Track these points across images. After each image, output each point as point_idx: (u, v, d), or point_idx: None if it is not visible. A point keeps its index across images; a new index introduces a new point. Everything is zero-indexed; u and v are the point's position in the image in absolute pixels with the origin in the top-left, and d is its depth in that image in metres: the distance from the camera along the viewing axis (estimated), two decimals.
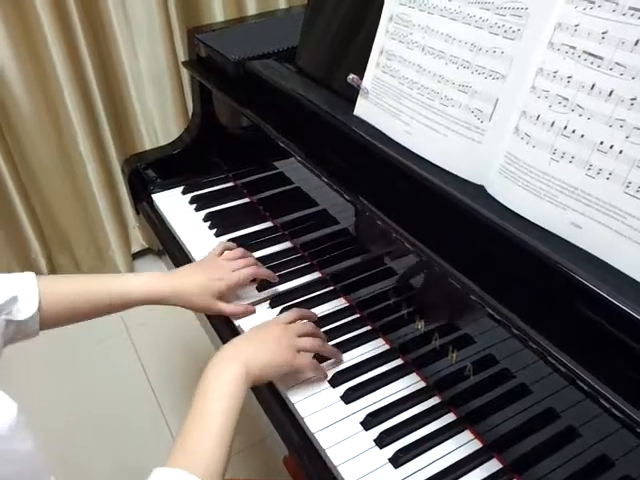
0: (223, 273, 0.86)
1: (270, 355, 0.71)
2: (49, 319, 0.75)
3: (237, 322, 0.86)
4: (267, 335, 0.74)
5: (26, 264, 1.87)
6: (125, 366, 1.69)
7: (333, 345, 0.80)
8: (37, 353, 1.68)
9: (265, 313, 0.88)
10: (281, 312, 0.87)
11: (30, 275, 0.74)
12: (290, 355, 0.72)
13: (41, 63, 1.61)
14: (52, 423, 1.49)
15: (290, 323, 0.78)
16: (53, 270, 1.96)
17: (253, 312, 0.87)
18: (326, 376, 0.76)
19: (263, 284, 0.92)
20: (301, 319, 0.81)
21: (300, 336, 0.76)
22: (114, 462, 1.40)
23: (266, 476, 1.34)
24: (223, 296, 0.85)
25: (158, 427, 1.49)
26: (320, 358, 0.78)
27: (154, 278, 0.83)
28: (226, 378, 0.66)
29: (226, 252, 0.92)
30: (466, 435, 0.69)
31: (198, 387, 0.65)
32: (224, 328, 0.88)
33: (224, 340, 0.88)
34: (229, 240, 1.02)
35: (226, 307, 0.85)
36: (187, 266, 0.90)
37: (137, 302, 0.81)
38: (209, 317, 0.92)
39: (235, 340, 0.74)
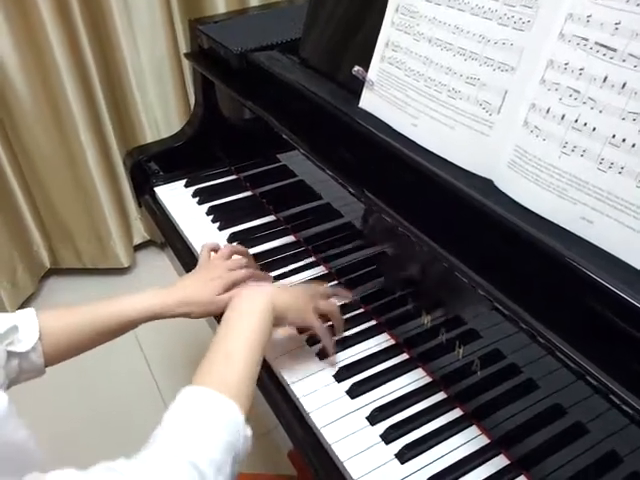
0: (219, 272, 0.84)
1: (294, 299, 0.74)
2: (52, 353, 0.73)
3: None
4: (291, 287, 0.82)
5: (28, 256, 1.87)
6: (129, 363, 1.68)
7: (338, 340, 0.80)
8: None
9: None
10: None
11: (30, 310, 0.73)
12: (309, 308, 0.75)
13: (41, 54, 1.59)
14: (56, 421, 1.49)
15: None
16: (55, 262, 1.96)
17: None
18: (334, 350, 0.77)
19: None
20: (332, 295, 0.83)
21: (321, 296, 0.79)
22: (116, 456, 1.40)
23: (271, 470, 1.34)
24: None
25: (159, 415, 1.49)
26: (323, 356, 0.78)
27: (156, 294, 0.80)
28: (254, 308, 0.67)
29: (220, 250, 0.91)
30: (473, 431, 0.69)
31: (224, 316, 0.67)
32: None
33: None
34: (232, 234, 1.02)
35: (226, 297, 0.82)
36: (185, 277, 0.89)
37: (143, 320, 0.79)
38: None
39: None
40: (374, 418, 0.70)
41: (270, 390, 0.77)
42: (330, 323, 0.79)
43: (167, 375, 1.65)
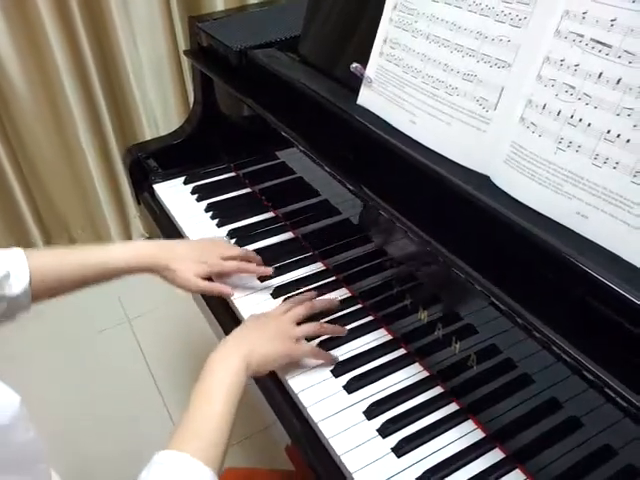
0: (209, 258, 0.86)
1: (270, 347, 0.72)
2: (38, 293, 0.75)
3: (238, 309, 0.86)
4: (265, 328, 0.75)
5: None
6: (126, 355, 1.69)
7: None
8: (38, 344, 1.68)
9: (267, 304, 0.88)
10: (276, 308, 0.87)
11: (19, 251, 0.75)
12: (288, 346, 0.74)
13: (40, 51, 1.60)
14: (54, 413, 1.49)
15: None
16: None
17: (229, 294, 0.87)
18: (334, 360, 0.77)
19: (265, 275, 0.92)
20: (296, 303, 0.81)
21: (298, 323, 0.77)
22: (115, 450, 1.40)
23: (268, 465, 1.34)
24: (206, 278, 0.85)
25: (159, 415, 1.49)
26: (323, 346, 0.78)
27: (142, 248, 0.84)
28: (227, 370, 0.67)
29: (222, 242, 0.92)
30: (469, 425, 0.69)
31: (200, 378, 0.67)
32: (224, 315, 0.88)
33: (223, 327, 0.88)
34: (231, 230, 1.02)
35: (202, 283, 0.84)
36: (179, 241, 0.91)
37: (125, 273, 0.82)
38: (208, 302, 0.92)
39: (235, 333, 0.74)
40: (371, 412, 0.71)
41: (268, 385, 0.77)
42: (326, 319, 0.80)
43: (162, 365, 1.65)
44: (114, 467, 1.37)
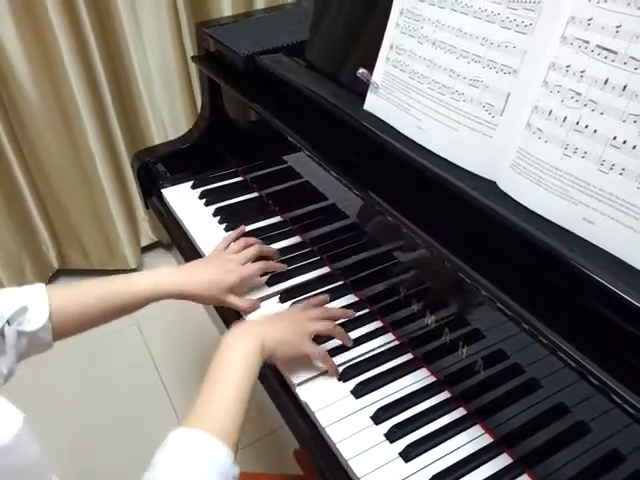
0: (233, 266, 0.87)
1: (283, 333, 0.74)
2: (62, 328, 0.74)
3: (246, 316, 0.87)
4: (281, 316, 0.78)
5: (37, 257, 1.89)
6: (134, 359, 1.70)
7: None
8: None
9: (275, 308, 0.88)
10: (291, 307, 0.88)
11: (40, 286, 0.74)
12: (301, 337, 0.75)
13: (50, 57, 1.61)
14: (62, 416, 1.50)
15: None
16: (63, 263, 1.98)
17: (259, 307, 0.88)
18: (337, 372, 0.77)
19: (274, 278, 0.92)
20: (313, 304, 0.83)
21: (312, 320, 0.78)
22: (124, 453, 1.41)
23: (277, 469, 1.35)
24: (234, 289, 0.86)
25: (168, 418, 1.50)
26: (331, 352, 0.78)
27: (163, 275, 0.83)
28: (242, 349, 0.67)
29: (231, 245, 0.93)
30: (476, 430, 0.70)
31: (214, 358, 0.67)
32: (232, 318, 0.89)
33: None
34: None
35: (237, 301, 0.86)
36: (196, 262, 0.91)
37: (148, 301, 0.81)
38: (218, 308, 0.93)
39: (250, 319, 0.76)
40: (378, 417, 0.71)
41: (276, 390, 0.77)
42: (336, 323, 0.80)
43: (170, 368, 1.66)
44: (122, 469, 1.38)
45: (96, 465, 1.41)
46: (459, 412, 0.72)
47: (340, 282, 0.92)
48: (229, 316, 0.90)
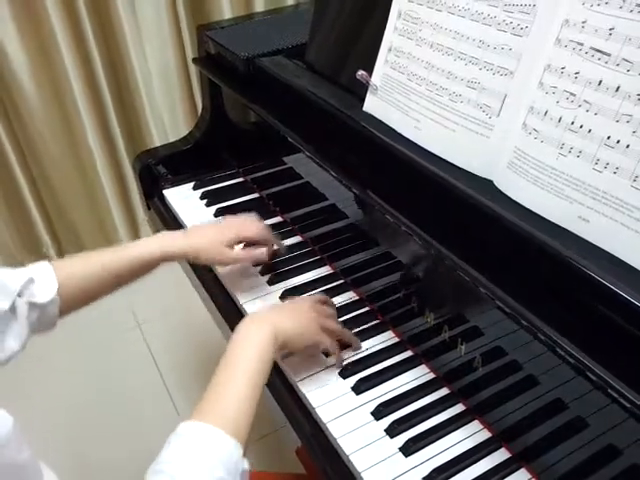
0: (236, 226, 0.89)
1: (297, 324, 0.73)
2: (70, 300, 0.74)
3: (247, 312, 0.88)
4: (295, 306, 0.78)
5: (36, 257, 1.90)
6: (136, 360, 1.71)
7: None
8: (48, 348, 1.70)
9: None
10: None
11: (44, 263, 0.74)
12: (314, 328, 0.75)
13: (50, 58, 1.62)
14: (64, 417, 1.51)
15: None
16: None
17: (263, 258, 0.90)
18: (342, 363, 0.78)
19: (274, 278, 0.93)
20: (326, 303, 0.83)
21: (328, 317, 0.78)
22: (125, 454, 1.42)
23: (279, 467, 1.35)
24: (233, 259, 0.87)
25: (170, 419, 1.51)
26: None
27: (166, 238, 0.84)
28: (254, 340, 0.67)
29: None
30: (475, 425, 0.71)
31: (227, 347, 0.66)
32: (234, 318, 0.90)
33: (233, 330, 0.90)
34: None
35: (237, 254, 0.87)
36: (199, 224, 0.93)
37: (157, 262, 0.81)
38: (218, 306, 0.94)
39: (262, 309, 0.76)
40: (379, 413, 0.72)
41: (277, 387, 0.78)
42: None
43: (171, 368, 1.67)
44: (123, 471, 1.39)
45: (97, 463, 1.42)
46: (458, 408, 0.73)
47: (341, 281, 0.93)
48: (229, 313, 0.91)
